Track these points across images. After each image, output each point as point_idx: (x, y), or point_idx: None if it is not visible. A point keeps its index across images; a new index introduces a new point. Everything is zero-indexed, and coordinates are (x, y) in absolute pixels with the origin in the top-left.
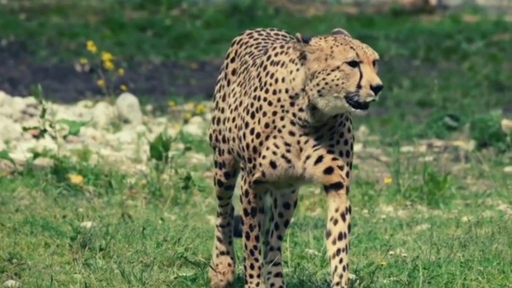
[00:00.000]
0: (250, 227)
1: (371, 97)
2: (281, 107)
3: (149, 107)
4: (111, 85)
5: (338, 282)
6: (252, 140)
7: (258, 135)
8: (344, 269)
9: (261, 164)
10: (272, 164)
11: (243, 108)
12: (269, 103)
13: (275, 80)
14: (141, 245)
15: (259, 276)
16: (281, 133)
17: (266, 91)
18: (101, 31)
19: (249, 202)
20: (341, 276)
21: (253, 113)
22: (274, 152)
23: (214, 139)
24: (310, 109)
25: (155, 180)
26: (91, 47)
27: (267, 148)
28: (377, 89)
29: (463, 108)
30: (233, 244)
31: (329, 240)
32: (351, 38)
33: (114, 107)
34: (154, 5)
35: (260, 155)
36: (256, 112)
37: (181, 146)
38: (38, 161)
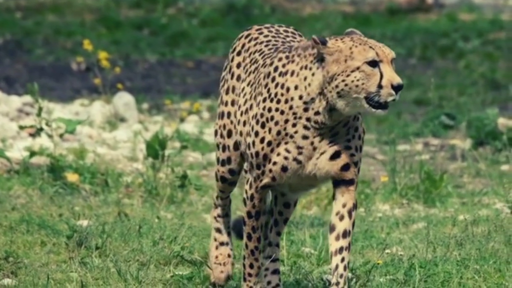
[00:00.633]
0: (253, 229)
1: (392, 97)
2: (293, 114)
3: (145, 106)
4: (107, 84)
5: (338, 283)
6: (262, 148)
7: (269, 143)
8: (345, 269)
9: (271, 170)
10: (284, 169)
11: (252, 116)
12: (281, 112)
13: (287, 89)
14: (138, 244)
15: (258, 276)
16: (293, 139)
17: (278, 102)
18: (97, 30)
19: (254, 206)
20: (341, 276)
21: (263, 123)
22: (286, 157)
23: (219, 136)
24: (328, 111)
25: (152, 179)
26: (87, 46)
27: (278, 154)
28: (398, 88)
29: (460, 107)
30: (231, 236)
31: (333, 235)
32: (366, 38)
33: (111, 106)
34: (150, 4)
35: (270, 162)
36: (267, 122)
37: (178, 145)
38: (35, 160)
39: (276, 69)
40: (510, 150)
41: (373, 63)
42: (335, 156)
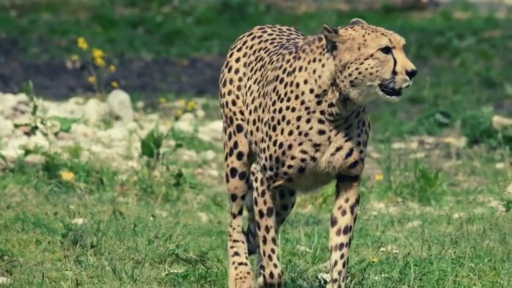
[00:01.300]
0: (267, 229)
1: (407, 83)
2: (306, 109)
3: (140, 104)
4: (102, 82)
5: (336, 279)
6: (275, 151)
7: (281, 145)
8: (344, 265)
9: (287, 173)
10: (301, 170)
11: (264, 123)
12: (292, 110)
13: (296, 85)
14: (133, 242)
15: (280, 286)
16: (308, 136)
17: (288, 100)
18: (92, 28)
19: (265, 202)
20: (340, 273)
21: (275, 126)
22: (303, 159)
23: (225, 123)
24: (342, 102)
25: (147, 177)
26: (82, 44)
27: (293, 158)
28: (412, 74)
29: (454, 105)
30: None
31: (334, 230)
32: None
33: (105, 104)
34: (145, 2)
35: (284, 165)
36: (278, 124)
37: (173, 143)
38: (30, 158)
39: (284, 71)
40: (505, 148)
41: (387, 50)
42: (349, 154)
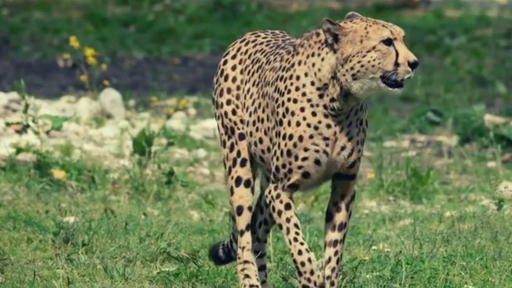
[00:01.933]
0: (287, 220)
1: (409, 74)
2: (308, 101)
3: (132, 102)
4: (94, 81)
5: (329, 276)
6: (286, 145)
7: (291, 137)
8: (338, 262)
9: (301, 167)
10: (317, 162)
11: (272, 128)
12: (294, 101)
13: (297, 78)
14: (124, 240)
15: (311, 261)
16: (318, 130)
17: (289, 92)
18: (84, 27)
19: (282, 202)
20: (333, 269)
21: (281, 120)
22: (317, 150)
23: (224, 134)
24: (343, 97)
25: (138, 175)
26: (74, 43)
27: (306, 150)
28: (414, 65)
29: (446, 103)
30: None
31: (329, 225)
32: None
33: (97, 102)
34: (137, 1)
35: (298, 159)
36: (283, 117)
37: (164, 141)
38: (21, 156)
39: (284, 69)
40: (497, 147)
41: (388, 42)
42: (351, 153)
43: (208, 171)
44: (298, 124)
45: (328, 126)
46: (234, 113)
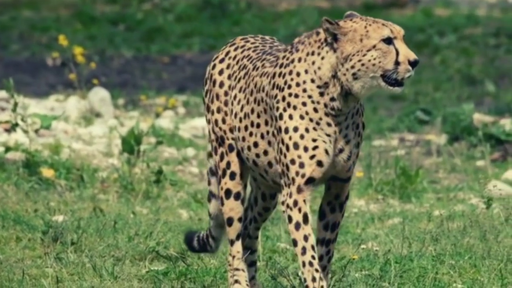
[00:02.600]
0: (305, 238)
1: (410, 73)
2: (309, 98)
3: (121, 101)
4: (83, 79)
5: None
6: (290, 138)
7: (296, 129)
8: (329, 261)
9: (314, 156)
10: (326, 151)
11: (270, 132)
12: (295, 96)
13: (297, 74)
14: (113, 239)
15: None
16: (320, 126)
17: (289, 87)
18: (73, 25)
19: (300, 210)
20: (324, 268)
21: (281, 114)
22: (324, 141)
23: (215, 142)
24: (343, 96)
25: (127, 174)
26: (63, 41)
27: (314, 140)
28: (415, 64)
29: (435, 102)
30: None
31: (321, 223)
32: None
33: (86, 101)
34: None
35: (307, 150)
36: (284, 111)
37: (153, 140)
38: (10, 155)
39: (281, 65)
40: (485, 146)
41: (388, 40)
42: (349, 157)
43: (197, 170)
44: (302, 118)
45: (329, 125)
46: (224, 122)
